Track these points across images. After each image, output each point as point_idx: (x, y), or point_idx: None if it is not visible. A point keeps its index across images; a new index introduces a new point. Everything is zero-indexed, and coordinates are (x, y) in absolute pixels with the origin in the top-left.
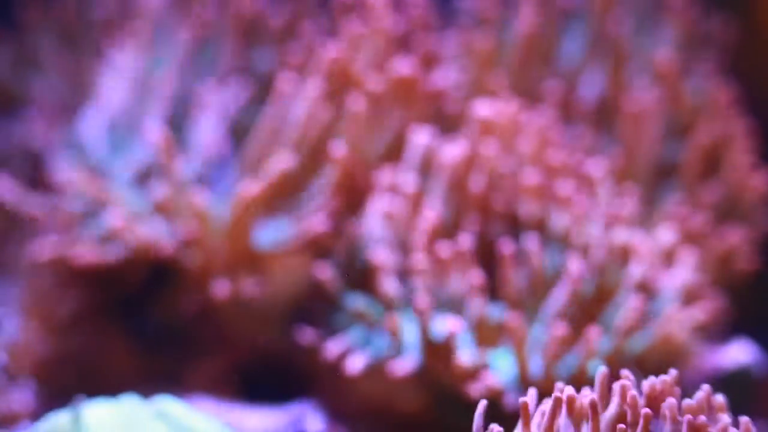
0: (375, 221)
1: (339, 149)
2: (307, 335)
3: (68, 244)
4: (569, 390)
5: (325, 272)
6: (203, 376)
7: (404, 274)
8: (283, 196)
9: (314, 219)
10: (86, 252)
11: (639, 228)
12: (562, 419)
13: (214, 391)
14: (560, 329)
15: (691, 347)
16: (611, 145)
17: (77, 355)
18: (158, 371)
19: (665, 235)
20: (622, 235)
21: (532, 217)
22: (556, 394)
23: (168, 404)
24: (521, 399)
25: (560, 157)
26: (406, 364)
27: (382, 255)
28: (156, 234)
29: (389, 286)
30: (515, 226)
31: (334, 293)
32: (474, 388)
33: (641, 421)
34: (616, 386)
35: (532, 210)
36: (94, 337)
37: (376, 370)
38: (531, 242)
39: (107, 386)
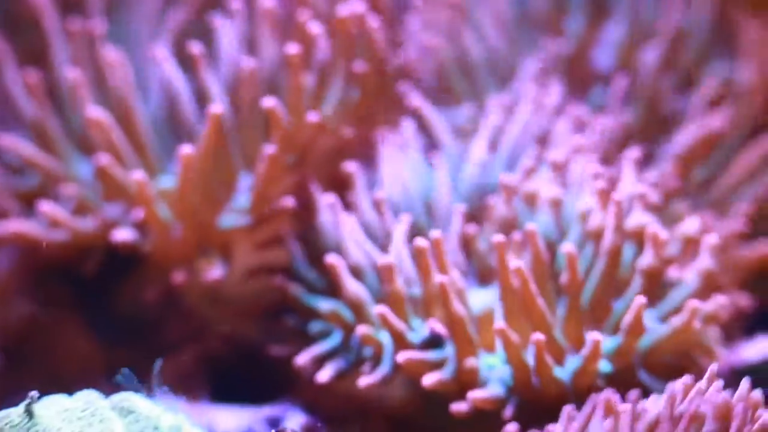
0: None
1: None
2: (275, 349)
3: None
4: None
5: (281, 278)
6: (171, 371)
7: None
8: (224, 156)
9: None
10: (35, 232)
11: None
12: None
13: (184, 387)
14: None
15: (712, 341)
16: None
17: (33, 349)
18: (122, 366)
19: (690, 224)
20: (639, 220)
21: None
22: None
23: (129, 399)
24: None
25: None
26: (375, 374)
27: (357, 254)
28: (106, 217)
29: (352, 287)
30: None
31: (295, 298)
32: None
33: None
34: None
35: (548, 193)
36: (52, 330)
37: (357, 373)
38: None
39: (66, 382)
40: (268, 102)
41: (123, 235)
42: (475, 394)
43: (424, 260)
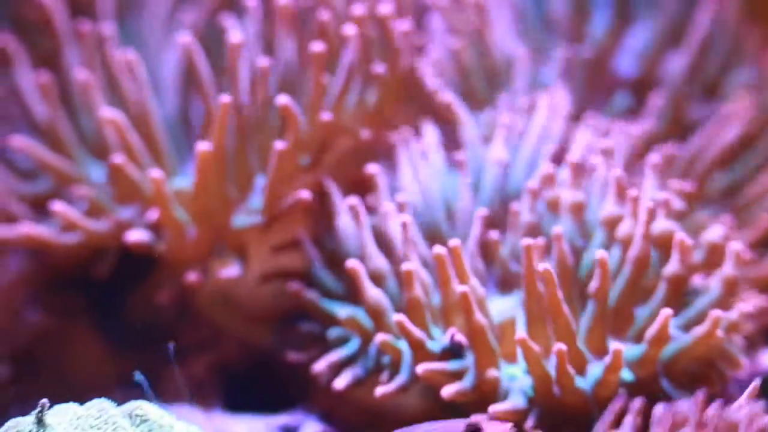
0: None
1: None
2: (292, 355)
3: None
4: None
5: (297, 283)
6: (184, 379)
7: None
8: (241, 157)
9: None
10: (46, 235)
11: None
12: None
13: (196, 395)
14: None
15: (735, 349)
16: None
17: (44, 357)
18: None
19: (714, 232)
20: (664, 227)
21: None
22: None
23: (142, 407)
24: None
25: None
26: (393, 384)
27: (378, 260)
28: (119, 219)
29: (372, 293)
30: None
31: (312, 303)
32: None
33: None
34: None
35: (569, 197)
36: (63, 338)
37: (374, 381)
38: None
39: (78, 390)
40: (282, 99)
41: (137, 235)
42: (496, 407)
43: (444, 268)
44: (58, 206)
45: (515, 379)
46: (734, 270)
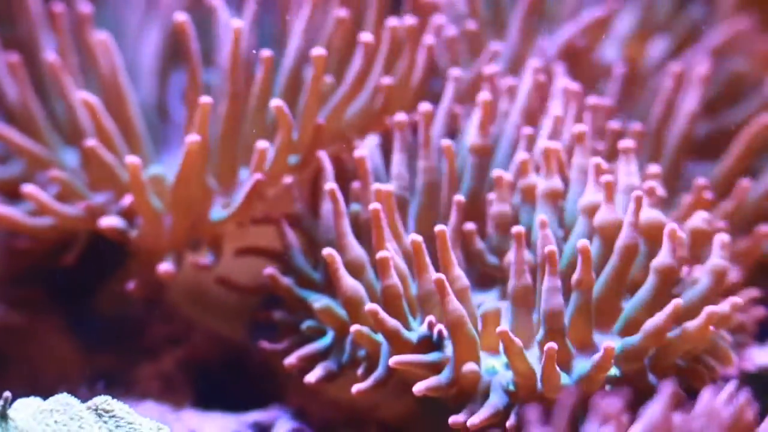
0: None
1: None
2: (264, 344)
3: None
4: None
5: (271, 269)
6: (154, 374)
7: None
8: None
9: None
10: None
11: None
12: None
13: (166, 391)
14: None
15: (724, 344)
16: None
17: (9, 352)
18: (103, 369)
19: (698, 218)
20: (651, 216)
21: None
22: None
23: (109, 402)
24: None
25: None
26: (369, 380)
27: (356, 249)
28: (92, 204)
29: (348, 284)
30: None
31: (285, 290)
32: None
33: None
34: None
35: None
36: (30, 333)
37: (349, 377)
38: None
39: (45, 386)
40: (275, 102)
41: (110, 221)
42: (474, 420)
43: (420, 255)
44: (29, 189)
45: (495, 373)
46: (723, 261)
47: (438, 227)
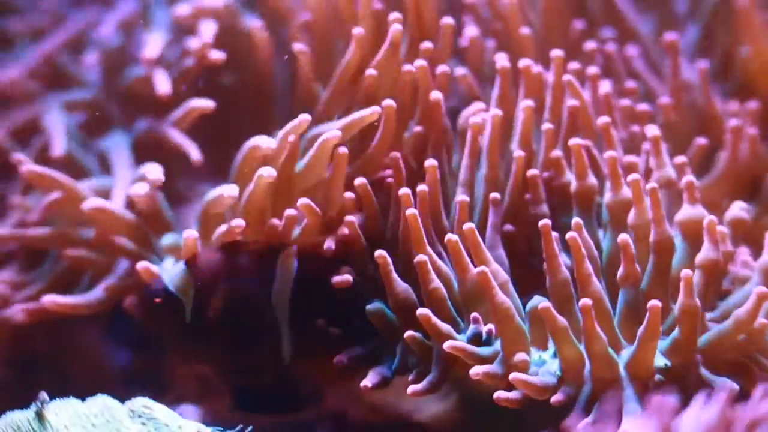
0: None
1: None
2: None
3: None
4: None
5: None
6: (190, 377)
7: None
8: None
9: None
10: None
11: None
12: None
13: (203, 395)
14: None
15: None
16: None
17: (45, 353)
18: (140, 371)
19: (737, 209)
20: (690, 212)
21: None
22: None
23: (148, 405)
24: None
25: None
26: (424, 382)
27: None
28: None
29: (400, 288)
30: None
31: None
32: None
33: None
34: None
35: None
36: (66, 334)
37: (393, 382)
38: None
39: (79, 387)
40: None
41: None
42: (520, 376)
43: (459, 254)
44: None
45: (544, 363)
46: None
47: (466, 225)
